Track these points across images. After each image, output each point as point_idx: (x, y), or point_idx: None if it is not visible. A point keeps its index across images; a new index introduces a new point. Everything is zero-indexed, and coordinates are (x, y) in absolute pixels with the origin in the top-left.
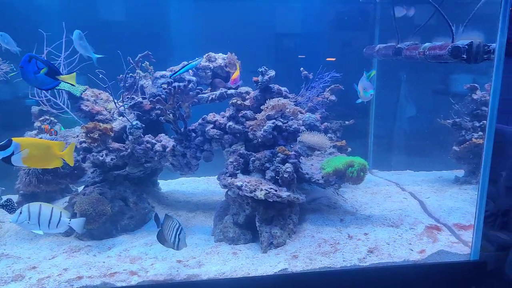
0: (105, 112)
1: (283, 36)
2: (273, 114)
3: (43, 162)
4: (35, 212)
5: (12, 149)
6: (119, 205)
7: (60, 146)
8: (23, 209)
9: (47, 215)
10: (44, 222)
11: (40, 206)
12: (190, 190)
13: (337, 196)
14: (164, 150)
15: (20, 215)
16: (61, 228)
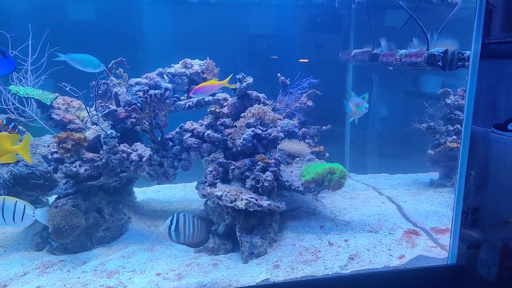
0: (77, 121)
1: (258, 39)
2: (252, 122)
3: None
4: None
5: None
6: (94, 217)
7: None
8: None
9: (11, 208)
10: (8, 216)
11: (4, 199)
12: (167, 198)
13: (316, 202)
14: (140, 159)
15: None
16: (26, 221)
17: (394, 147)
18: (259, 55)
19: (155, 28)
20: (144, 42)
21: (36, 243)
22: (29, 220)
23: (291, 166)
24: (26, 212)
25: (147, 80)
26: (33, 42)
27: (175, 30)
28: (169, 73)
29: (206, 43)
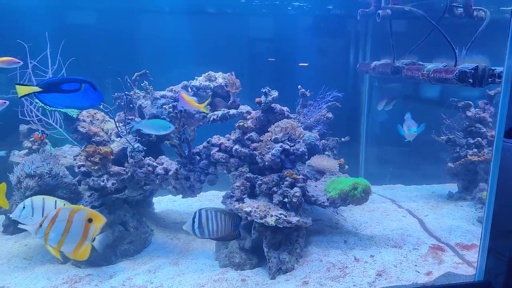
0: (102, 133)
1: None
2: (280, 137)
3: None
4: (38, 206)
5: None
6: (119, 230)
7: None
8: (26, 203)
9: (51, 208)
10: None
11: (43, 199)
12: (184, 209)
13: (337, 216)
14: (166, 173)
15: (23, 210)
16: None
17: (409, 157)
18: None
19: (177, 39)
20: (165, 53)
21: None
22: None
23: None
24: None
25: (172, 93)
26: (51, 52)
27: (196, 41)
28: (194, 86)
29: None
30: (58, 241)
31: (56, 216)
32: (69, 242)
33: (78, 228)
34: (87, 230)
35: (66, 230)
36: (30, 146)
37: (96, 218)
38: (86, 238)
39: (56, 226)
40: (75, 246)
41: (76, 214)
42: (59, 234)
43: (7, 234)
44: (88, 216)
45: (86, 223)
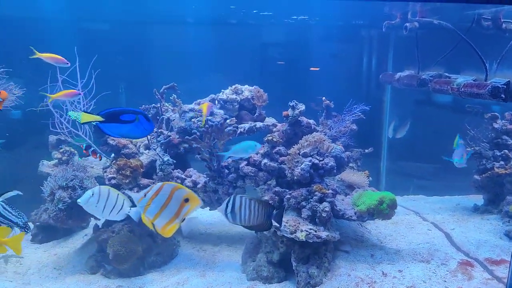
0: (131, 146)
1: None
2: (309, 151)
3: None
4: (104, 195)
5: None
6: (147, 242)
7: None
8: (95, 191)
9: (113, 201)
10: (109, 207)
11: (109, 190)
12: (207, 219)
13: (361, 228)
14: (194, 186)
15: (92, 197)
16: (120, 216)
17: (430, 167)
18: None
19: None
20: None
21: (91, 266)
22: (123, 216)
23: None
24: (124, 207)
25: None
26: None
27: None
28: (221, 99)
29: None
30: (155, 214)
31: (160, 190)
32: (163, 217)
33: (174, 205)
34: (181, 209)
35: (165, 205)
36: (60, 157)
37: (192, 199)
38: (177, 217)
39: (158, 199)
40: (166, 222)
41: (176, 191)
42: (158, 207)
43: (36, 242)
44: (186, 196)
45: (182, 202)
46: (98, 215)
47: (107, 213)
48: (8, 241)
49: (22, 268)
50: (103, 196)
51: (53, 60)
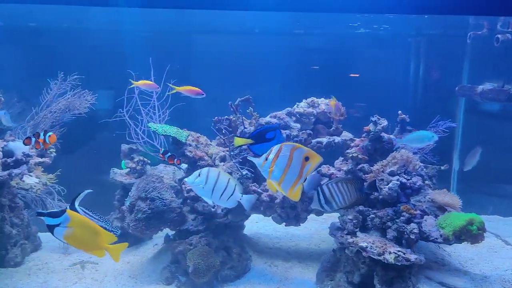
0: (206, 158)
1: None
2: (395, 170)
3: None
4: (213, 178)
5: (60, 221)
6: (223, 256)
7: (109, 238)
8: (202, 172)
9: (223, 185)
10: (218, 191)
11: (219, 173)
12: (271, 232)
13: (440, 250)
14: (271, 201)
15: (198, 178)
16: (231, 202)
17: (505, 185)
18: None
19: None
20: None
21: (166, 277)
22: (234, 202)
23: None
24: (235, 194)
25: (277, 120)
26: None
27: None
28: (297, 113)
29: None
30: (280, 177)
31: (280, 152)
32: (288, 179)
33: (296, 165)
34: (302, 169)
35: (287, 166)
36: (134, 166)
37: (312, 157)
38: (300, 177)
39: (279, 161)
40: (292, 183)
41: (296, 151)
42: (281, 169)
43: None
44: (305, 155)
45: (303, 161)
46: (207, 198)
47: (217, 197)
48: (110, 248)
49: (99, 275)
50: (212, 178)
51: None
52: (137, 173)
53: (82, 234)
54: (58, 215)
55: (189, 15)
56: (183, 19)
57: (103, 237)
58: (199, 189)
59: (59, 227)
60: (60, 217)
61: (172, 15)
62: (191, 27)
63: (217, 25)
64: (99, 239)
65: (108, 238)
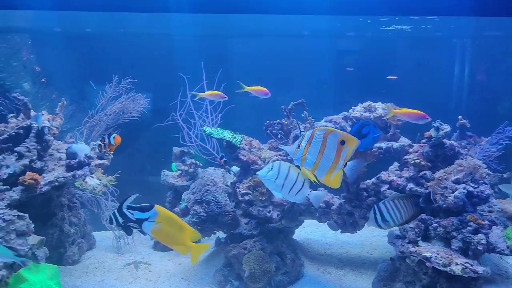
0: (259, 162)
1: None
2: (461, 178)
3: (170, 242)
4: (284, 172)
5: (148, 216)
6: (276, 261)
7: (194, 235)
8: (275, 165)
9: (293, 179)
10: (288, 186)
11: (289, 167)
12: (320, 238)
13: (502, 261)
14: (327, 207)
15: (271, 171)
16: (299, 197)
17: None
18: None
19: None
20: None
21: (219, 280)
22: (302, 198)
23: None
24: (304, 189)
25: (333, 124)
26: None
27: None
28: (354, 117)
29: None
30: (313, 164)
31: (312, 137)
32: (322, 166)
33: (331, 151)
34: (339, 153)
35: (321, 152)
36: (186, 169)
37: (348, 140)
38: (337, 162)
39: (312, 147)
40: (327, 170)
41: (330, 135)
42: (315, 156)
43: (158, 250)
44: (341, 138)
45: (339, 146)
46: (276, 192)
47: (286, 191)
48: (193, 246)
49: (153, 276)
50: (283, 172)
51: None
52: (188, 176)
53: (168, 229)
54: (147, 210)
55: (239, 19)
56: (232, 22)
57: (188, 234)
58: (271, 182)
59: (147, 222)
60: (149, 212)
61: (222, 19)
62: (240, 31)
63: (266, 28)
64: (184, 235)
65: (192, 236)
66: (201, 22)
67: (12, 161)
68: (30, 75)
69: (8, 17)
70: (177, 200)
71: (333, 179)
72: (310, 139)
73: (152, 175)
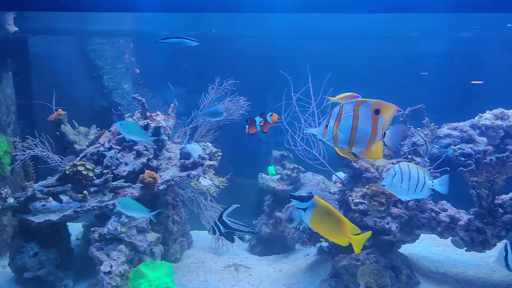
0: (372, 170)
1: None
2: None
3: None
4: (406, 174)
5: (307, 206)
6: (390, 276)
7: (352, 229)
8: (396, 170)
9: (416, 177)
10: (412, 186)
11: (408, 166)
12: (426, 254)
13: None
14: (452, 222)
15: (395, 177)
16: (423, 193)
17: None
18: None
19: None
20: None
21: None
22: (427, 192)
23: None
24: (426, 182)
25: (458, 132)
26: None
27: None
28: (483, 125)
29: None
30: (348, 141)
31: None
32: (359, 141)
33: (366, 123)
34: (375, 124)
35: (354, 128)
36: (289, 173)
37: (383, 107)
38: (376, 133)
39: (343, 124)
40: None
41: (360, 106)
42: (347, 133)
43: (254, 254)
44: (374, 107)
45: (373, 115)
46: (402, 196)
47: (411, 191)
48: (354, 238)
49: (254, 280)
50: (406, 174)
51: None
52: (289, 180)
53: (326, 220)
54: (306, 200)
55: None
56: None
57: (347, 227)
58: (398, 188)
59: (305, 211)
60: (308, 202)
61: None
62: (343, 32)
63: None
64: (342, 227)
65: (352, 230)
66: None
67: (130, 159)
68: (131, 77)
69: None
70: (276, 204)
71: (374, 151)
72: (339, 116)
73: (248, 178)
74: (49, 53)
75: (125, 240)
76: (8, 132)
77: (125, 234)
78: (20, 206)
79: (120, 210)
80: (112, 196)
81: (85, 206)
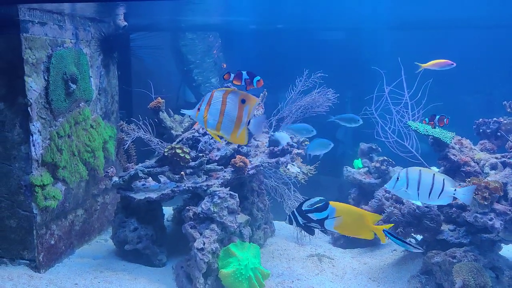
0: (472, 164)
1: None
2: None
3: (354, 232)
4: (414, 179)
5: (327, 213)
6: (491, 277)
7: (374, 218)
8: (401, 174)
9: (428, 183)
10: (424, 191)
11: (420, 172)
12: None
13: None
14: None
15: (397, 182)
16: (443, 199)
17: None
18: None
19: None
20: None
21: (415, 287)
22: (448, 199)
23: None
24: (445, 189)
25: None
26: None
27: None
28: None
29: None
30: (216, 124)
31: (211, 99)
32: (226, 125)
33: (233, 110)
34: (241, 112)
35: (222, 113)
36: (378, 166)
37: (248, 99)
38: (241, 121)
39: (212, 108)
40: (232, 129)
41: (229, 95)
42: (216, 116)
43: (338, 246)
44: (241, 97)
45: (240, 104)
46: (414, 200)
47: (425, 196)
48: (377, 228)
49: (338, 271)
50: (412, 179)
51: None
52: (377, 173)
53: (350, 220)
54: (324, 209)
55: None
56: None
57: (369, 218)
58: (402, 192)
59: (328, 220)
60: (326, 210)
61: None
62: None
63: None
64: (366, 221)
65: (373, 219)
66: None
67: (222, 145)
68: (218, 71)
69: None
70: (362, 198)
71: (239, 136)
72: (209, 101)
73: (332, 170)
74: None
75: (217, 220)
76: (112, 120)
77: (217, 214)
78: (124, 183)
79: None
80: (205, 178)
81: (181, 186)
